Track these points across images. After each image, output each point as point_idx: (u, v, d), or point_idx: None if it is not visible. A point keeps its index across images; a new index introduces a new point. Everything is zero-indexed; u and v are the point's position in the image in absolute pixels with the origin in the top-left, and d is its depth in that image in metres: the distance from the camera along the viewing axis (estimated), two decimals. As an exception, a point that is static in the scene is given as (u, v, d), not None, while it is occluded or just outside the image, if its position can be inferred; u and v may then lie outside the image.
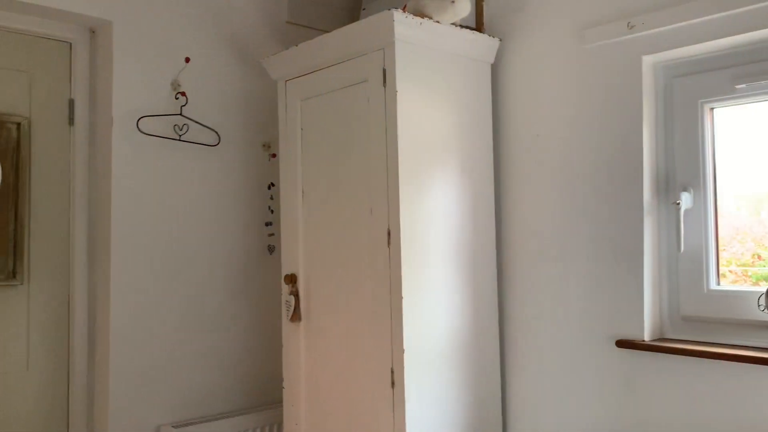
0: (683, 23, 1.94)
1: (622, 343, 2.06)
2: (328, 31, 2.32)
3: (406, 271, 2.08)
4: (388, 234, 2.11)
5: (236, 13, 2.75)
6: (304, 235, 2.44)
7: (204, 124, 2.63)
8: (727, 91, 1.96)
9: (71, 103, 2.49)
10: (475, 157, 2.33)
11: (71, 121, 2.49)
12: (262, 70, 2.72)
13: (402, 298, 2.07)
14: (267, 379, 2.78)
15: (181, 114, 2.56)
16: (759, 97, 1.92)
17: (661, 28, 1.99)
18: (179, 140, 2.57)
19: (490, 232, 2.38)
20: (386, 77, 2.11)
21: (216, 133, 2.67)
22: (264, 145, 2.82)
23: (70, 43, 2.49)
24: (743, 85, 1.91)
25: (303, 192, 2.44)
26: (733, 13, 1.84)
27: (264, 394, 2.78)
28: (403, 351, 2.06)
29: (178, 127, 2.57)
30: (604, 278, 2.14)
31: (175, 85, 2.57)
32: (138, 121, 2.47)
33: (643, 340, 2.03)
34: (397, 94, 2.08)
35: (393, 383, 2.09)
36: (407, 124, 2.10)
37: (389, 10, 2.06)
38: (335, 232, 2.32)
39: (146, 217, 2.50)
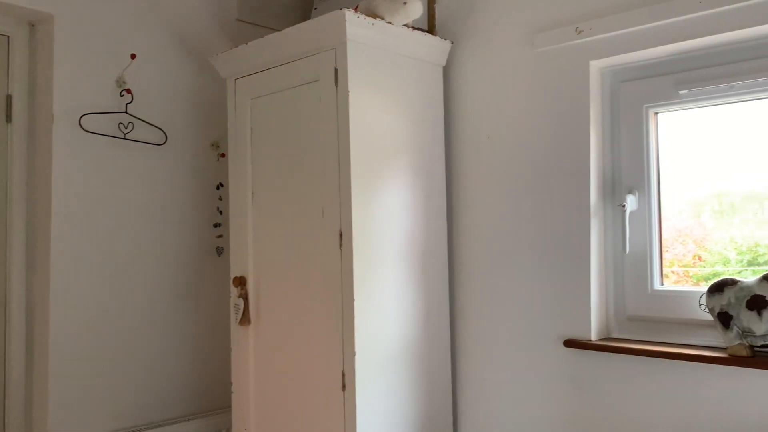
0: (629, 29, 1.98)
1: (569, 343, 2.09)
2: (278, 30, 2.28)
3: (357, 273, 2.06)
4: (340, 235, 2.09)
5: (185, 9, 2.68)
6: (254, 236, 2.40)
7: (150, 122, 2.56)
8: (670, 97, 2.01)
9: (9, 99, 2.38)
10: (427, 159, 2.34)
11: (8, 118, 2.38)
12: (211, 68, 2.67)
13: (354, 300, 2.05)
14: (215, 383, 2.73)
15: (126, 112, 2.48)
16: (700, 102, 1.97)
17: (608, 34, 2.03)
18: (124, 139, 2.49)
19: (441, 234, 2.38)
20: (338, 77, 2.09)
21: (163, 131, 2.60)
22: (213, 145, 2.76)
23: (8, 37, 2.38)
24: (686, 91, 1.97)
25: (253, 193, 2.40)
26: (676, 21, 1.90)
27: (212, 399, 2.72)
28: (354, 353, 2.05)
29: (123, 126, 2.49)
30: (552, 279, 2.17)
31: (120, 82, 2.49)
32: (80, 118, 2.38)
33: (590, 340, 2.07)
34: (349, 94, 2.06)
35: (344, 386, 2.07)
36: (359, 124, 2.09)
37: (341, 9, 2.05)
38: (286, 234, 2.29)
39: (89, 218, 2.41)
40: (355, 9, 2.13)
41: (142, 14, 2.56)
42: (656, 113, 2.08)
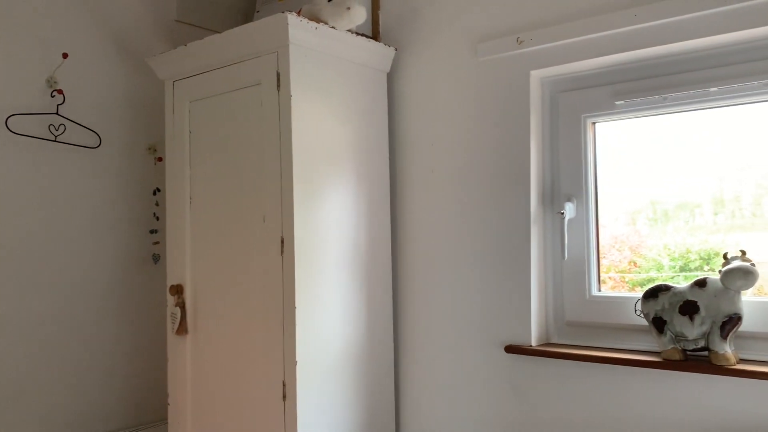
0: (567, 41, 2.03)
1: (510, 349, 2.11)
2: (219, 32, 2.23)
3: (299, 281, 2.03)
4: (282, 242, 2.05)
5: (121, 8, 2.60)
6: (192, 243, 2.33)
7: (83, 124, 2.46)
8: (607, 107, 2.06)
9: (-73, 97, 2.25)
10: (371, 165, 2.32)
11: (-73, 116, 2.25)
12: (148, 70, 2.59)
13: (295, 308, 2.01)
14: (152, 395, 2.63)
15: (57, 113, 2.38)
16: (636, 113, 2.03)
17: (548, 45, 2.07)
18: (55, 141, 2.38)
19: (385, 240, 2.37)
20: (280, 81, 2.06)
21: (96, 134, 2.50)
22: (149, 148, 2.68)
23: (-73, 31, 2.25)
24: (622, 102, 2.02)
25: (191, 198, 2.34)
26: (613, 33, 1.95)
27: (149, 412, 2.63)
28: (295, 363, 2.01)
29: (54, 127, 2.38)
30: (494, 285, 2.18)
31: (51, 82, 2.38)
32: (7, 119, 2.26)
33: (531, 346, 2.09)
34: (292, 98, 2.03)
35: (284, 396, 2.03)
36: (302, 129, 2.06)
37: (283, 13, 2.02)
38: (225, 241, 2.23)
39: (17, 224, 2.29)
40: (298, 13, 2.11)
41: (75, 12, 2.46)
42: (594, 123, 2.13)
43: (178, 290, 2.34)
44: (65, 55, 2.41)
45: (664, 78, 1.96)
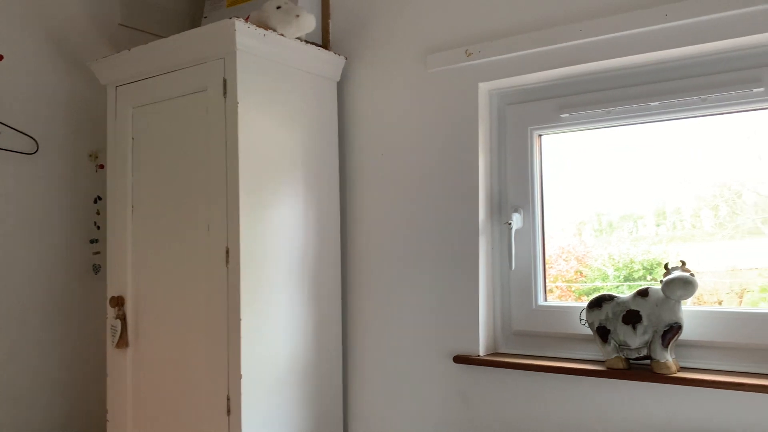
0: (515, 54, 2.05)
1: (458, 359, 2.11)
2: (164, 37, 2.18)
3: (245, 292, 1.98)
4: (227, 252, 2.00)
5: (62, 10, 2.50)
6: (134, 253, 2.26)
7: (19, 129, 2.35)
8: (553, 120, 2.09)
9: None
10: (321, 174, 2.30)
11: None
12: (90, 74, 2.50)
13: (240, 320, 1.97)
14: (91, 411, 2.52)
15: (-10, 117, 2.28)
16: (581, 126, 2.07)
17: (496, 57, 2.09)
18: (-12, 146, 2.28)
19: (334, 250, 2.35)
20: (227, 87, 2.02)
21: (33, 140, 2.40)
22: (90, 155, 2.58)
23: None
24: (567, 115, 2.06)
25: (133, 207, 2.26)
26: (559, 47, 1.98)
27: (87, 427, 2.52)
28: (240, 376, 1.96)
29: (-13, 132, 2.28)
30: (443, 295, 2.18)
31: (-16, 84, 2.28)
32: (-65, 122, 2.15)
33: (478, 355, 2.10)
34: (238, 105, 1.99)
35: (229, 411, 1.98)
36: (248, 136, 2.02)
37: (231, 18, 1.98)
38: (169, 251, 2.16)
39: (-57, 232, 2.18)
40: (246, 19, 2.08)
41: (11, 13, 2.36)
42: (540, 135, 2.16)
43: (118, 302, 2.26)
44: (0, 57, 2.31)
45: (608, 92, 2.00)
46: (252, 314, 2.01)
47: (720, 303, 1.92)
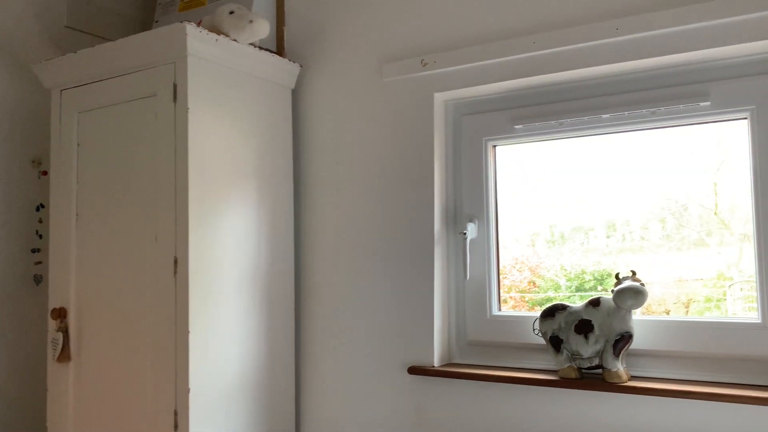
0: (470, 65, 2.06)
1: (413, 370, 2.09)
2: (113, 41, 2.11)
3: (194, 303, 1.93)
4: (175, 262, 1.94)
5: (5, 10, 2.41)
6: (78, 263, 2.17)
7: (-44, 133, 2.25)
8: (507, 131, 2.10)
9: None
10: (274, 182, 2.26)
11: None
12: (33, 77, 2.41)
13: (189, 332, 1.91)
14: (28, 428, 2.41)
15: (-76, 120, 2.17)
16: (534, 137, 2.09)
17: (451, 68, 2.09)
18: None
19: (288, 261, 2.31)
20: (177, 93, 1.97)
21: (-29, 144, 2.29)
22: (33, 161, 2.48)
23: None
24: (520, 126, 2.07)
25: (77, 215, 2.18)
26: (512, 59, 1.99)
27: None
28: (188, 391, 1.90)
29: None
30: (398, 306, 2.17)
31: None
32: None
33: (433, 366, 2.08)
34: (189, 111, 1.95)
35: (176, 426, 1.91)
36: (199, 143, 1.98)
37: (182, 22, 1.94)
38: (114, 261, 2.09)
39: None
40: (199, 23, 2.03)
41: (-51, 11, 2.27)
42: (494, 146, 2.17)
43: (60, 314, 2.17)
44: (-63, 58, 2.21)
45: (561, 104, 2.02)
46: (201, 326, 1.95)
47: (668, 313, 1.95)
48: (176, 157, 1.96)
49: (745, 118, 1.80)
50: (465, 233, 2.11)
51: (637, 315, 1.87)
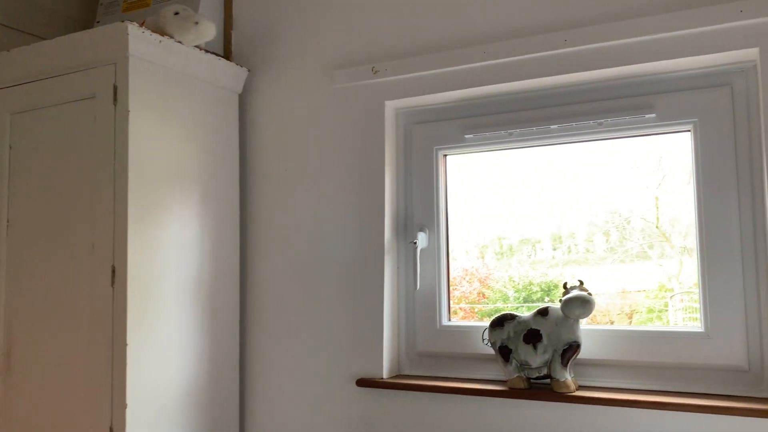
0: (421, 73, 2.05)
1: (362, 382, 2.05)
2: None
3: (132, 315, 1.84)
4: (113, 272, 1.85)
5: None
6: (8, 272, 2.06)
7: None
8: (457, 140, 2.10)
9: None
10: (220, 189, 2.20)
11: None
12: (-38, 76, 2.28)
13: (126, 344, 1.82)
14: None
15: None
16: (484, 147, 2.08)
17: (402, 76, 2.08)
18: None
19: (233, 270, 2.24)
20: (117, 95, 1.89)
21: None
22: (-39, 165, 2.35)
23: None
24: (471, 135, 2.07)
25: (8, 222, 2.07)
26: (463, 69, 1.99)
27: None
28: (125, 406, 1.81)
29: None
30: (347, 317, 2.12)
31: None
32: None
33: (382, 378, 2.05)
34: (129, 114, 1.87)
35: (112, 444, 1.82)
36: (140, 148, 1.90)
37: (123, 22, 1.86)
38: (48, 270, 1.98)
39: None
40: (142, 24, 1.96)
41: None
42: (445, 155, 2.16)
43: (-13, 327, 2.04)
44: None
45: (510, 114, 2.03)
46: (139, 338, 1.86)
47: (612, 323, 1.98)
48: (115, 162, 1.87)
49: (689, 131, 1.84)
50: (415, 242, 2.09)
51: (584, 324, 1.88)
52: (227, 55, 2.34)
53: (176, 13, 1.98)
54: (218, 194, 2.19)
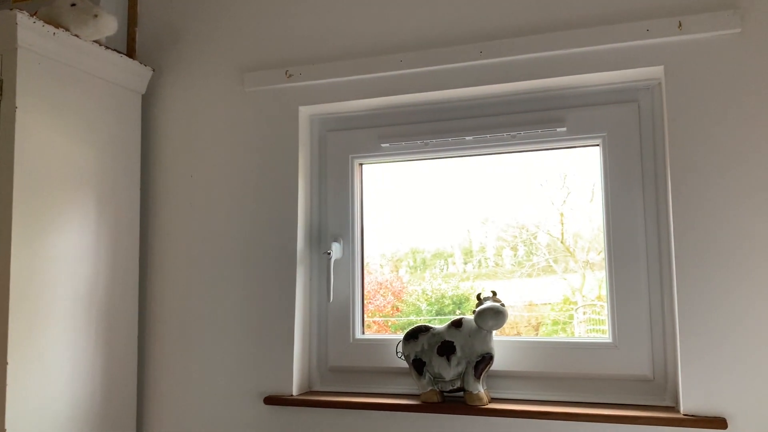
0: (335, 79, 2.00)
1: (270, 400, 1.96)
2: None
3: (14, 331, 1.68)
4: (-7, 283, 1.68)
5: None
6: None
7: None
8: (373, 149, 2.06)
9: None
10: (119, 195, 2.05)
11: None
12: None
13: (7, 364, 1.65)
14: None
15: None
16: (400, 156, 2.06)
17: (316, 82, 2.02)
18: None
19: (132, 283, 2.09)
20: (3, 89, 1.72)
21: None
22: None
23: None
24: (387, 144, 2.04)
25: None
26: (379, 77, 1.96)
27: None
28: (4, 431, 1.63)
29: None
30: (256, 332, 2.03)
31: None
32: None
33: (291, 395, 1.96)
34: (17, 110, 1.71)
35: (-13, 476, 1.63)
36: (28, 147, 1.74)
37: (12, 10, 1.71)
38: None
39: None
40: (34, 14, 1.81)
41: None
42: (361, 164, 2.12)
43: None
44: None
45: (426, 124, 2.01)
46: (22, 358, 1.70)
47: (519, 335, 1.99)
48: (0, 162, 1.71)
49: (597, 145, 1.88)
50: (329, 253, 2.03)
51: (496, 336, 1.88)
52: (130, 53, 2.21)
53: (73, 5, 1.84)
54: (117, 200, 2.05)
